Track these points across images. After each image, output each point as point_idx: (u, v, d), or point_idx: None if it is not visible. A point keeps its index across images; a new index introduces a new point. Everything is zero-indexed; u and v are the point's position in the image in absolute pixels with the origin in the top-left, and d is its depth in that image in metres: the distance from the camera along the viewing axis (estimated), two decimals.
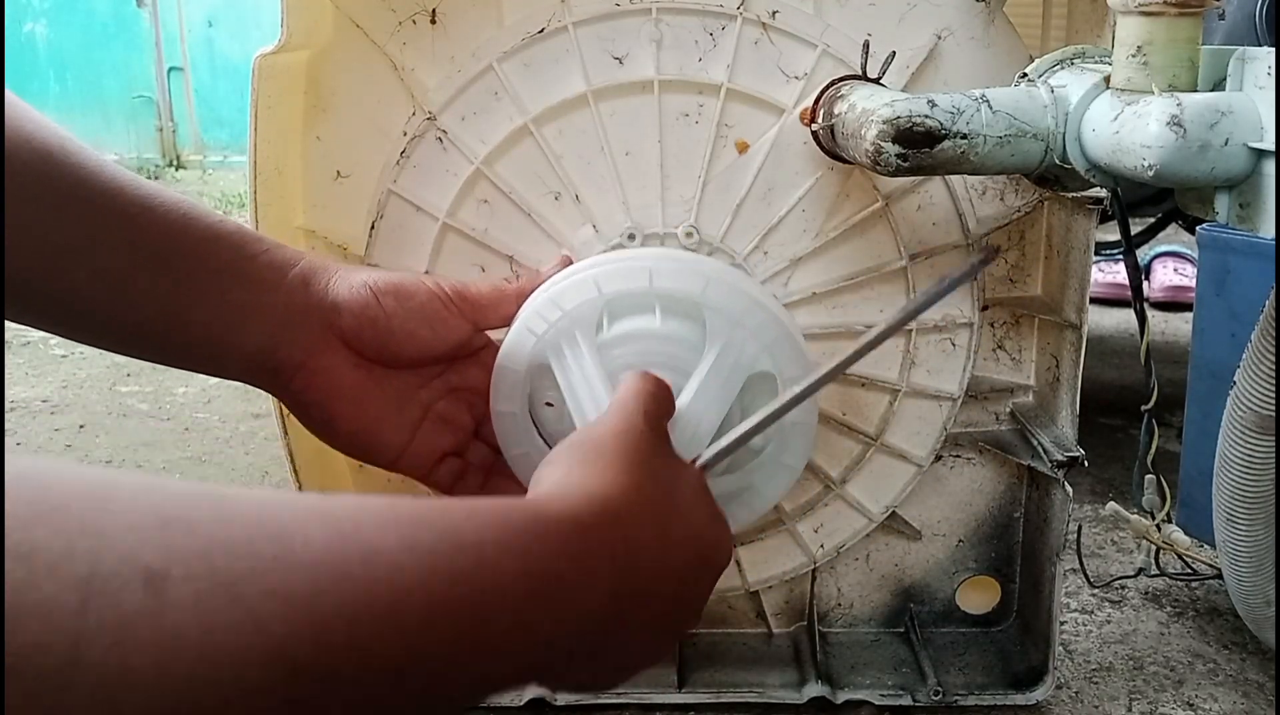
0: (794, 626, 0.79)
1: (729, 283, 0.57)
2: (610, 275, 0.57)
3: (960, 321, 0.71)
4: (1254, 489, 0.66)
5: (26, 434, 1.38)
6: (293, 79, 0.65)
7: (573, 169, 0.67)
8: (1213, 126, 0.45)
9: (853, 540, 0.76)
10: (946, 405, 0.73)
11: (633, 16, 0.66)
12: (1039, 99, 0.53)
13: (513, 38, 0.66)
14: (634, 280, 0.57)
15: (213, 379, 1.59)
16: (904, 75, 0.66)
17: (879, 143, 0.52)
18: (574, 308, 0.56)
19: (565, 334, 0.56)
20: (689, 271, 0.57)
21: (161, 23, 3.82)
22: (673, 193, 0.67)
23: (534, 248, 0.68)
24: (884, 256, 0.69)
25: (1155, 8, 0.47)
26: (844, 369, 0.52)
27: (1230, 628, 0.86)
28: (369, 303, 0.52)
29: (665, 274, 0.57)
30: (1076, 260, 0.68)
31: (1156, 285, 1.86)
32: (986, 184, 0.69)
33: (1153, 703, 0.77)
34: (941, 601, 0.79)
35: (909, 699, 0.74)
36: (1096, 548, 1.01)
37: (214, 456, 1.30)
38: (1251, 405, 0.63)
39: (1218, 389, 0.71)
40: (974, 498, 0.77)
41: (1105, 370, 1.55)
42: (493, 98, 0.66)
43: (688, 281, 0.57)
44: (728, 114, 0.66)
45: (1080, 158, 0.52)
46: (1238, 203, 0.48)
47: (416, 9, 0.66)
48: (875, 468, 0.74)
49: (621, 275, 0.57)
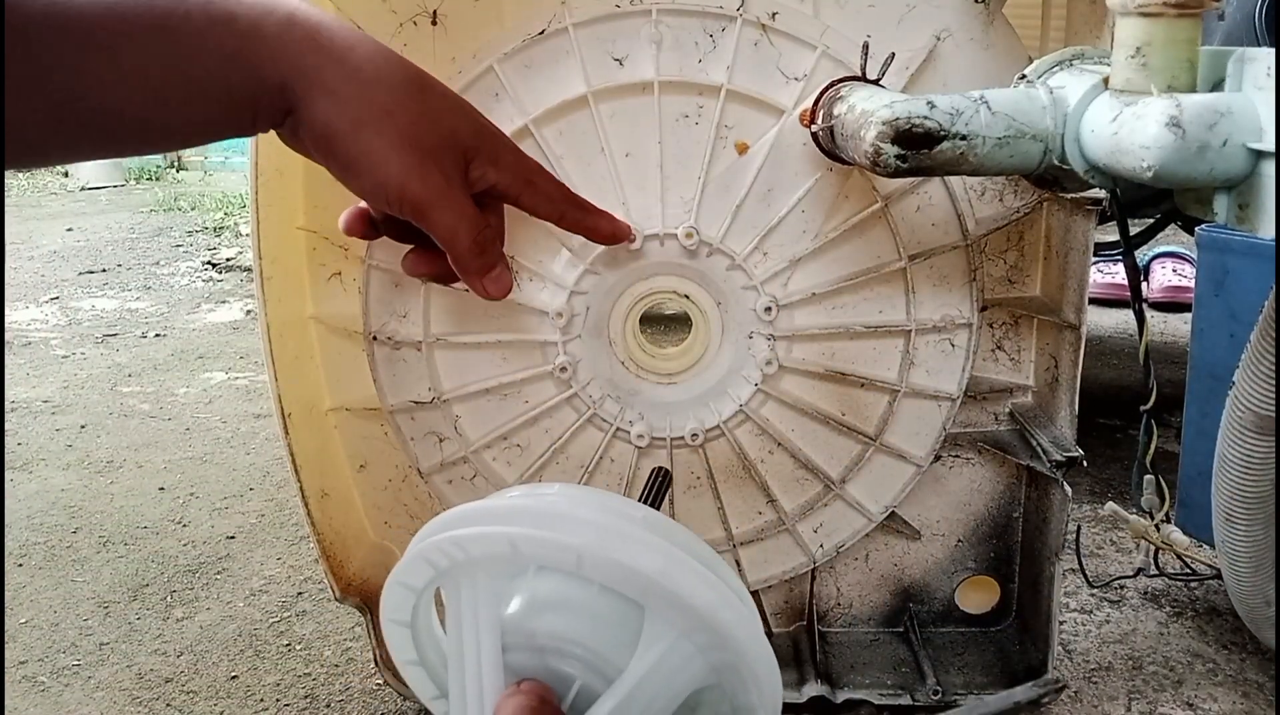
0: (793, 626, 0.79)
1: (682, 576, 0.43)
2: (531, 541, 0.44)
3: (959, 322, 0.71)
4: (1253, 489, 0.66)
5: (27, 434, 1.38)
6: None
7: (573, 170, 0.67)
8: (1212, 127, 0.45)
9: (852, 540, 0.76)
10: (946, 405, 0.73)
11: (633, 18, 0.66)
12: (1038, 100, 0.53)
13: (513, 39, 0.66)
14: (560, 557, 0.44)
15: (214, 379, 1.59)
16: (903, 76, 0.66)
17: (878, 144, 0.52)
18: (482, 556, 0.45)
19: (469, 583, 0.46)
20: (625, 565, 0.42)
21: None
22: (672, 193, 0.67)
23: (535, 248, 0.68)
24: (883, 257, 0.70)
25: (1154, 9, 0.47)
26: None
27: (1230, 628, 0.86)
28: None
29: (597, 563, 0.43)
30: (1075, 261, 0.68)
31: (1155, 286, 1.86)
32: (985, 185, 0.70)
33: (1152, 702, 0.78)
34: (941, 601, 0.80)
35: (908, 698, 0.74)
36: (1095, 548, 1.01)
37: (215, 456, 1.30)
38: (1250, 405, 0.63)
39: (1216, 389, 0.71)
40: (973, 498, 0.77)
41: (1104, 371, 1.55)
42: (493, 99, 0.66)
43: (624, 579, 0.43)
44: (727, 115, 0.67)
45: (1079, 159, 0.52)
46: (1237, 203, 0.48)
47: (417, 10, 0.66)
48: (875, 468, 0.74)
49: (545, 545, 0.43)
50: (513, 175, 0.55)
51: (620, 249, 0.67)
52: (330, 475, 0.73)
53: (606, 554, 0.42)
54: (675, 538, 0.46)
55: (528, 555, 0.44)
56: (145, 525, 1.12)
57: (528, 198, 0.56)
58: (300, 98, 0.48)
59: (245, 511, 1.15)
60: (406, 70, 0.51)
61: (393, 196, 0.50)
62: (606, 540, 0.43)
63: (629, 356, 0.71)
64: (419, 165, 0.50)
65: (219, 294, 2.17)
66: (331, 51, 0.49)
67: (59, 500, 1.18)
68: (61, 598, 0.97)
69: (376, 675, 0.81)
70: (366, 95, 0.49)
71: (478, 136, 0.53)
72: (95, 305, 2.09)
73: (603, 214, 0.61)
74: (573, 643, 0.44)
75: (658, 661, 0.43)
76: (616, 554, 0.42)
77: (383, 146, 0.49)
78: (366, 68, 0.50)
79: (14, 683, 0.84)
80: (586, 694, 0.43)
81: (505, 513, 0.45)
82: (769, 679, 0.45)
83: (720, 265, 0.68)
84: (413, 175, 0.50)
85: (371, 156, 0.49)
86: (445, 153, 0.52)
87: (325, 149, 0.49)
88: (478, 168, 0.53)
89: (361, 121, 0.49)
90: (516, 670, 0.44)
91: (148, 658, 0.87)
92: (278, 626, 0.92)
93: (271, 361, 0.68)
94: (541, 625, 0.44)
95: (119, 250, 2.61)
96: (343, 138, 0.49)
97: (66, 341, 1.83)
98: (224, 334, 1.87)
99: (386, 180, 0.50)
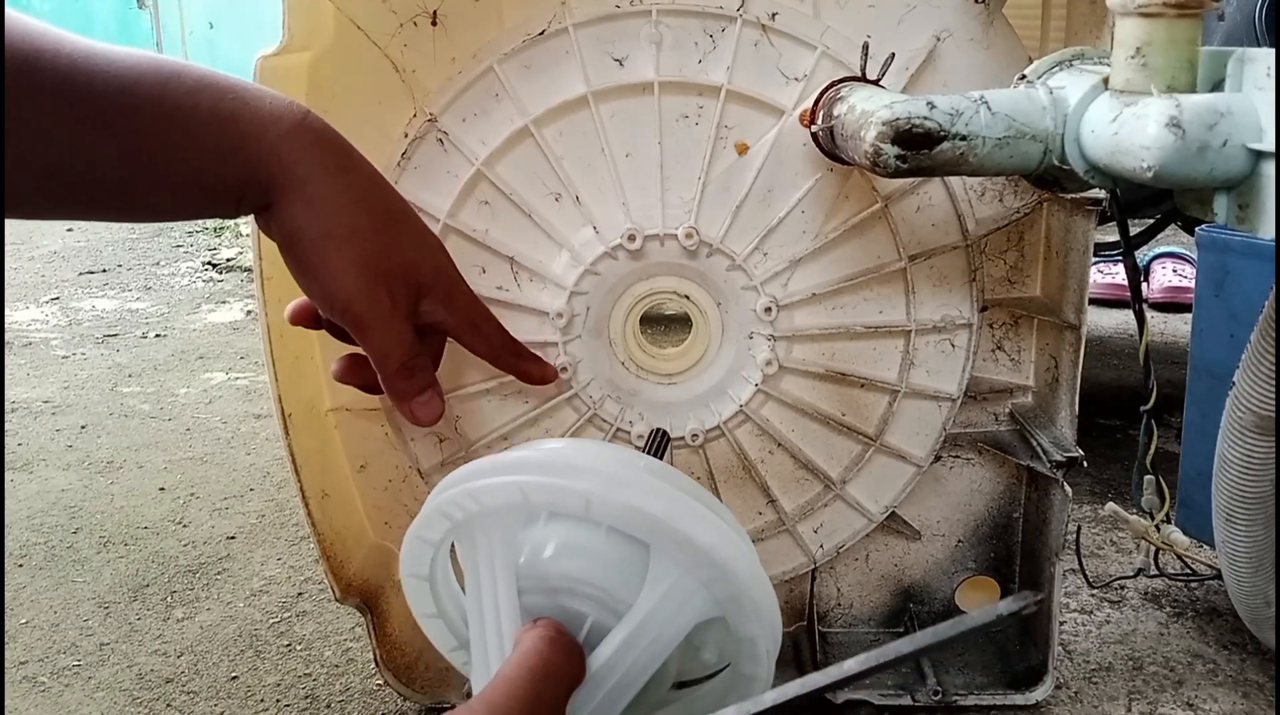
0: (794, 626, 0.79)
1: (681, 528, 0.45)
2: (541, 488, 0.47)
3: (959, 322, 0.71)
4: (1253, 489, 0.66)
5: (28, 435, 1.38)
6: (294, 81, 0.65)
7: (573, 170, 0.67)
8: (1211, 128, 0.45)
9: (852, 540, 0.76)
10: (946, 406, 0.73)
11: (633, 18, 0.66)
12: (1038, 100, 0.53)
13: (513, 39, 0.66)
14: (569, 502, 0.47)
15: (214, 380, 1.59)
16: (903, 77, 0.66)
17: (878, 144, 0.52)
18: (496, 506, 0.48)
19: (484, 533, 0.48)
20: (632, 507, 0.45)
21: (163, 24, 3.82)
22: (673, 194, 0.67)
23: (534, 249, 0.68)
24: (883, 257, 0.70)
25: (1154, 9, 0.47)
26: (847, 684, 0.42)
27: (1230, 628, 0.86)
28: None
29: (605, 504, 0.46)
30: (1075, 261, 0.68)
31: (1155, 286, 1.86)
32: (985, 185, 0.70)
33: (1152, 703, 0.78)
34: (941, 601, 0.80)
35: (909, 699, 0.74)
36: (1096, 548, 1.01)
37: (215, 457, 1.30)
38: (1250, 406, 0.63)
39: (1217, 390, 0.71)
40: (973, 498, 0.77)
41: (1104, 371, 1.55)
42: (493, 99, 0.66)
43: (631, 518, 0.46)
44: (727, 115, 0.67)
45: (1079, 159, 0.52)
46: (1237, 204, 0.48)
47: (417, 11, 0.66)
48: (875, 468, 0.74)
49: (554, 491, 0.46)
50: (460, 318, 0.59)
51: (620, 250, 0.67)
52: (330, 475, 0.73)
53: (614, 497, 0.46)
54: (677, 483, 0.49)
55: (538, 503, 0.47)
56: (145, 525, 1.12)
57: (469, 339, 0.61)
58: (279, 198, 0.51)
59: (245, 512, 1.15)
60: (389, 202, 0.56)
61: (337, 307, 0.54)
62: (613, 485, 0.46)
63: (629, 357, 0.71)
64: (369, 287, 0.54)
65: (219, 294, 2.17)
66: (325, 166, 0.52)
67: (59, 500, 1.18)
68: (62, 598, 0.97)
69: (377, 675, 0.81)
70: (341, 214, 0.52)
71: (436, 275, 0.58)
72: (95, 305, 2.09)
73: (534, 359, 0.65)
74: (584, 583, 0.46)
75: (664, 596, 0.45)
76: (623, 497, 0.46)
77: (340, 261, 0.53)
78: (353, 190, 0.53)
79: (14, 683, 0.84)
80: (598, 629, 0.46)
81: (515, 463, 0.48)
82: (769, 610, 0.48)
83: (720, 265, 0.68)
84: (360, 294, 0.54)
85: (328, 267, 0.53)
86: (398, 281, 0.55)
87: (289, 249, 0.53)
88: (428, 304, 0.57)
89: (328, 234, 0.52)
90: (532, 612, 0.47)
91: (148, 658, 0.87)
92: (278, 627, 0.92)
93: (272, 362, 0.68)
94: (554, 568, 0.47)
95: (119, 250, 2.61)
96: (307, 244, 0.52)
97: (67, 342, 1.83)
98: (224, 334, 1.87)
99: (336, 292, 0.53)
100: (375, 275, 0.54)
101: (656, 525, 0.45)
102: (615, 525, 0.46)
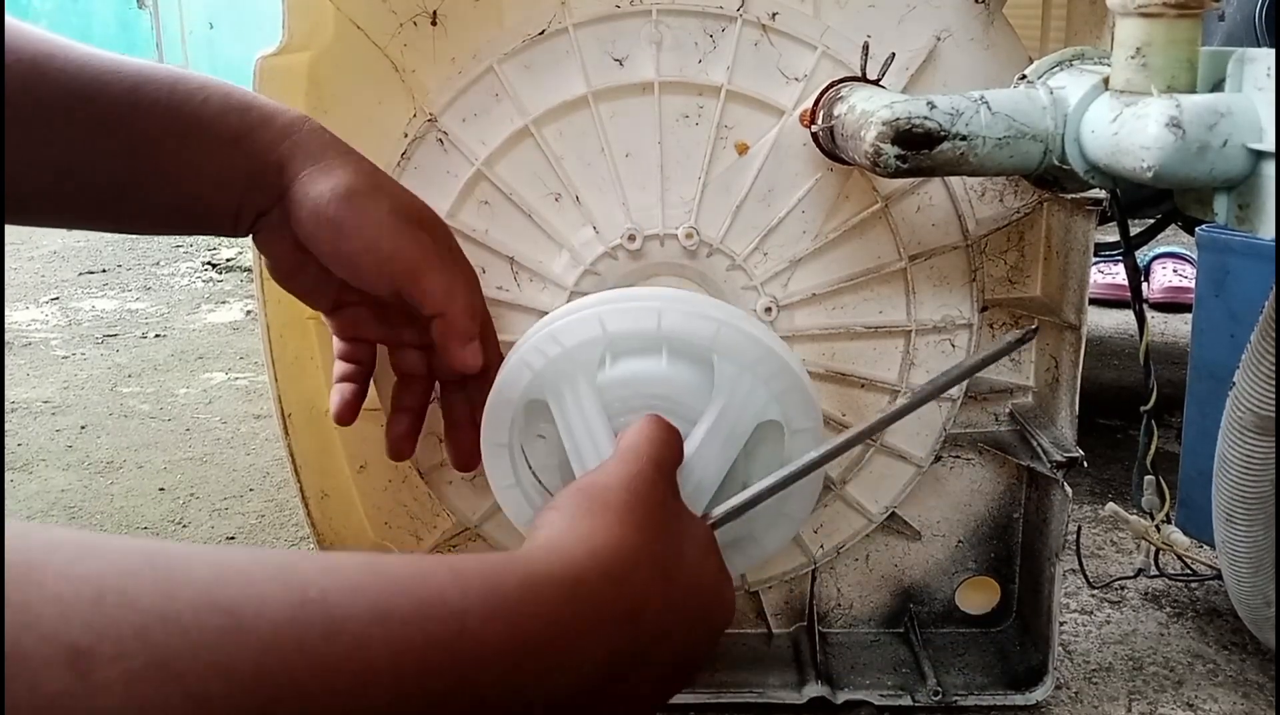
0: (794, 627, 0.79)
1: (740, 328, 0.54)
2: (616, 313, 0.54)
3: (960, 322, 0.71)
4: (1253, 489, 0.66)
5: (28, 435, 1.38)
6: (294, 81, 0.65)
7: (573, 170, 0.67)
8: (1212, 128, 0.45)
9: (852, 540, 0.76)
10: (946, 406, 0.73)
11: (633, 18, 0.66)
12: (1038, 100, 0.53)
13: (513, 39, 0.66)
14: (641, 321, 0.54)
15: (214, 380, 1.60)
16: (903, 77, 0.66)
17: (878, 144, 0.52)
18: (575, 345, 0.54)
19: (564, 373, 0.54)
20: (699, 314, 0.54)
21: (163, 24, 3.82)
22: (673, 194, 0.67)
23: (534, 249, 0.68)
24: (883, 257, 0.69)
25: (1154, 9, 0.47)
26: (869, 435, 0.52)
27: (1230, 628, 0.86)
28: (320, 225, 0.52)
29: (674, 316, 0.54)
30: (1076, 261, 0.68)
31: (1156, 286, 1.86)
32: (986, 185, 0.70)
33: (1152, 703, 0.78)
34: (941, 602, 0.80)
35: (909, 699, 0.74)
36: (1096, 548, 1.01)
37: (215, 457, 1.30)
38: (1251, 406, 0.63)
39: (1217, 390, 0.71)
40: (973, 498, 0.77)
41: (1104, 371, 1.55)
42: (493, 99, 0.66)
43: (697, 325, 0.54)
44: (727, 115, 0.67)
45: (1079, 159, 0.52)
46: (1237, 204, 0.48)
47: (417, 11, 0.66)
48: (875, 468, 0.74)
49: (628, 314, 0.54)
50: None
51: (620, 250, 0.67)
52: (330, 476, 0.73)
53: (682, 307, 0.54)
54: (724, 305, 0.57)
55: (614, 331, 0.54)
56: (145, 526, 1.12)
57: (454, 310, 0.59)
58: (296, 174, 0.51)
59: (245, 512, 1.15)
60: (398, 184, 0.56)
61: (383, 257, 0.52)
62: (678, 301, 0.55)
63: None
64: (411, 230, 0.53)
65: (219, 294, 2.17)
66: (335, 146, 0.53)
67: (59, 500, 1.18)
68: None
69: None
70: (362, 174, 0.52)
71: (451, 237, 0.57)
72: (95, 305, 2.09)
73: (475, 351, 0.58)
74: (660, 397, 0.54)
75: (731, 392, 0.53)
76: (690, 307, 0.55)
77: (376, 211, 0.52)
78: (365, 162, 0.53)
79: None
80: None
81: (586, 303, 0.56)
82: (818, 407, 0.57)
83: (720, 265, 0.68)
84: (405, 237, 0.52)
85: (365, 218, 0.51)
86: (431, 226, 0.55)
87: (317, 217, 0.51)
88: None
89: (355, 190, 0.51)
90: (619, 429, 0.52)
91: None
92: None
93: (271, 362, 0.68)
94: (631, 391, 0.55)
95: (119, 250, 2.61)
96: (337, 202, 0.51)
97: (66, 342, 1.83)
98: (224, 334, 1.87)
99: (379, 241, 0.51)
100: (412, 221, 0.53)
101: (721, 325, 0.53)
102: (684, 334, 0.54)
